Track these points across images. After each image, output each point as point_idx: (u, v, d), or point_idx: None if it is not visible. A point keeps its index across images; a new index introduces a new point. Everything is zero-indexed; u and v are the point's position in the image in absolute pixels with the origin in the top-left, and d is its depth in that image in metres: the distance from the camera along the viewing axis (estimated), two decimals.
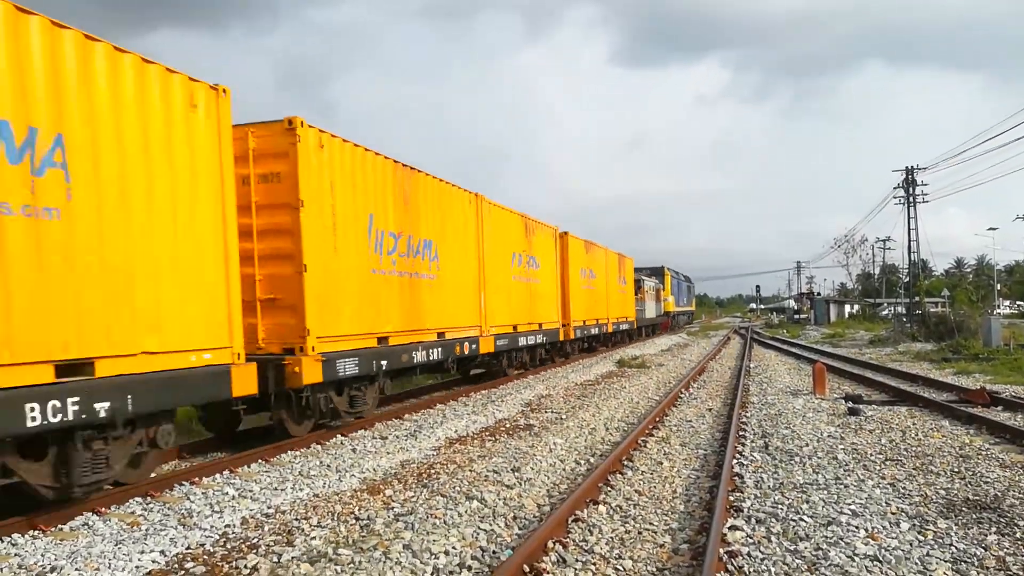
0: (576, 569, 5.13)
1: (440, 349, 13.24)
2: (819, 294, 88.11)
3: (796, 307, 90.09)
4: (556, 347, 22.48)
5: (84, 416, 6.18)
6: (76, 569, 5.32)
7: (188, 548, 5.81)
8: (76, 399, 6.11)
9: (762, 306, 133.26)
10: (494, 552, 5.49)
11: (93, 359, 6.38)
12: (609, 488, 7.28)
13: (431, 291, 13.08)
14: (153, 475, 7.81)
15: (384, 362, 11.26)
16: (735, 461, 8.33)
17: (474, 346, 14.85)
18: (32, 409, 5.77)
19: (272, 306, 9.48)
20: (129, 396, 6.62)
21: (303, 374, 9.07)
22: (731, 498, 6.79)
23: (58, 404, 5.97)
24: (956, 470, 7.74)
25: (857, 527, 5.88)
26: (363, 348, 10.68)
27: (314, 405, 9.79)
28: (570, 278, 23.27)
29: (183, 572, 5.31)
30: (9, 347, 5.71)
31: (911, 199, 42.71)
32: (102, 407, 6.34)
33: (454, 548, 5.54)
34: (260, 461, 8.76)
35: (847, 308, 71.35)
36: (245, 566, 5.31)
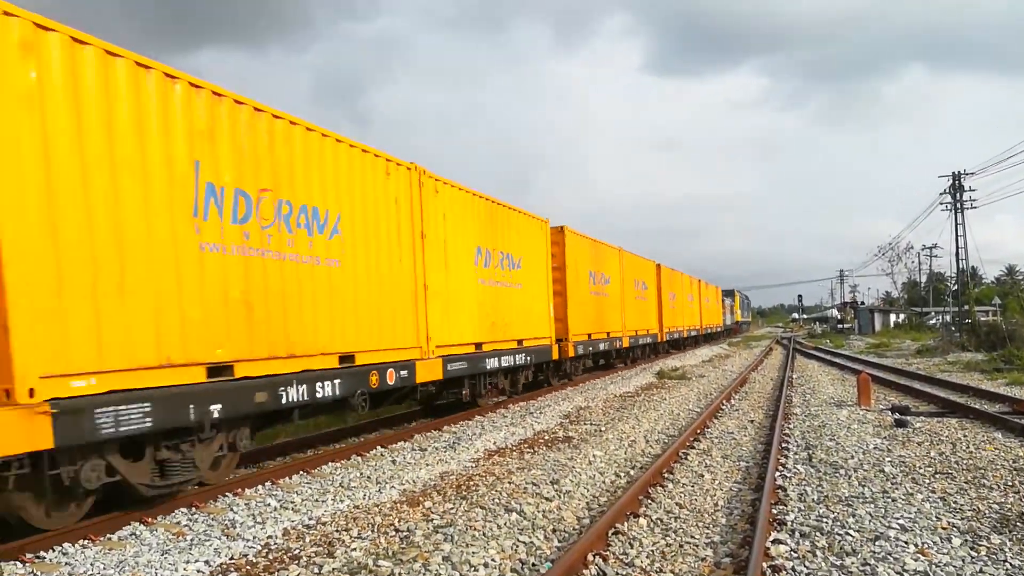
0: None
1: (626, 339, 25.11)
2: (863, 303, 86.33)
3: (839, 316, 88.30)
4: (694, 339, 40.91)
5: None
6: None
7: (231, 558, 5.90)
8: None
9: (804, 316, 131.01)
10: (533, 565, 5.47)
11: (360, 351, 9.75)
12: (650, 501, 7.20)
13: (685, 312, 34.77)
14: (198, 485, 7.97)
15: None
16: (778, 473, 8.18)
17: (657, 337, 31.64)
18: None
19: None
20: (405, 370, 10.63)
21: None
22: (774, 511, 6.67)
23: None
24: (1010, 483, 7.50)
25: (906, 542, 5.73)
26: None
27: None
28: (701, 303, 44.11)
29: None
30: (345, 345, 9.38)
31: (958, 205, 41.68)
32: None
33: (493, 560, 5.53)
34: (301, 472, 8.85)
35: (892, 317, 69.76)
36: None
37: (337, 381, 9.01)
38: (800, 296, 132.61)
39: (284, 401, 8.09)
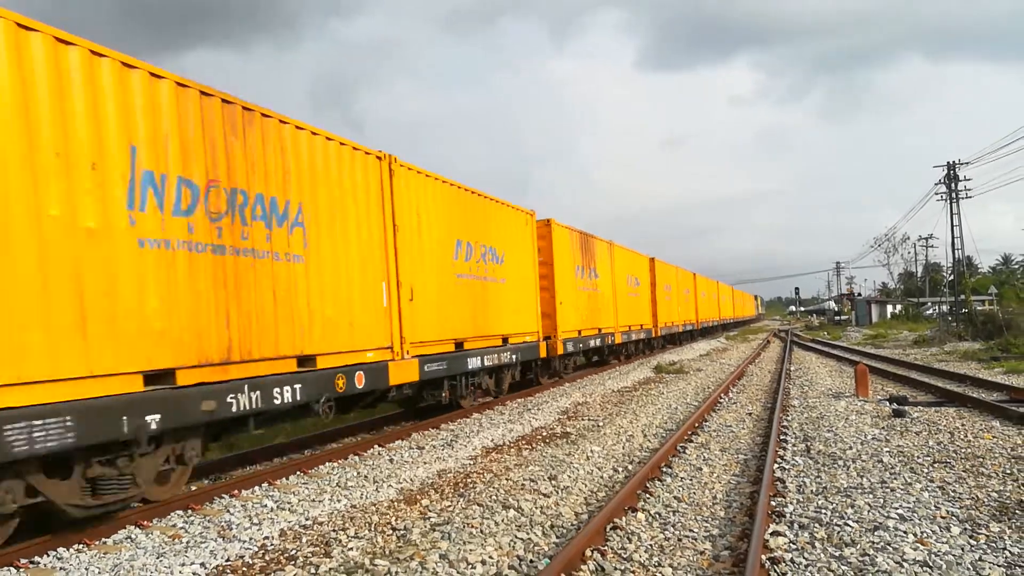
0: None
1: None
2: (860, 294, 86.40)
3: (836, 308, 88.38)
4: (722, 326, 53.95)
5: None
6: None
7: (228, 560, 5.86)
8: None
9: (802, 308, 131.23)
10: (531, 561, 5.44)
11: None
12: (648, 495, 7.18)
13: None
14: (195, 488, 7.95)
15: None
16: (776, 465, 8.17)
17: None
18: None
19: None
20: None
21: None
22: (773, 503, 6.65)
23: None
24: (1008, 472, 7.49)
25: (905, 532, 5.71)
26: None
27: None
28: (719, 299, 55.72)
29: None
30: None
31: (953, 195, 41.73)
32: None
33: (491, 558, 5.50)
34: (298, 473, 8.81)
35: (889, 308, 69.83)
36: None
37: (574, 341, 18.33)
38: (797, 289, 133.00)
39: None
